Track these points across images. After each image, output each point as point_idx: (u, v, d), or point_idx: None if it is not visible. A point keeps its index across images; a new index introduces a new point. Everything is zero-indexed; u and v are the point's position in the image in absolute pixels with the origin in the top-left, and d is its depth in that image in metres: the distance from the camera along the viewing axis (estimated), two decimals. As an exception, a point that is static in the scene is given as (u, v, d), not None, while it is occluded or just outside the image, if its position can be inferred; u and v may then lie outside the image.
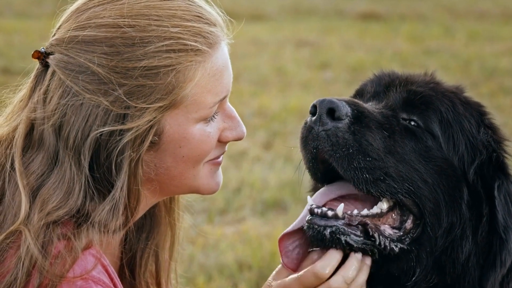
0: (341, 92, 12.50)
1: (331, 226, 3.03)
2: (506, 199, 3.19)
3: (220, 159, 3.18)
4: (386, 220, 3.13)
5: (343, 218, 3.05)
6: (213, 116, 3.08)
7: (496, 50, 16.47)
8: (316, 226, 3.04)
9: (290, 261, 3.13)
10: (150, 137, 2.93)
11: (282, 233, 3.14)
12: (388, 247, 3.08)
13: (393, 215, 3.14)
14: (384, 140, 3.12)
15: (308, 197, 3.16)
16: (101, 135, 2.90)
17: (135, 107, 2.91)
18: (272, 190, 8.43)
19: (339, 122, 3.07)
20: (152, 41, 2.95)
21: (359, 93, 3.40)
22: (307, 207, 3.13)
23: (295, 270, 3.11)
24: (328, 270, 3.02)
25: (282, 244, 3.14)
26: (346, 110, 3.08)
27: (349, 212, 3.08)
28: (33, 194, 2.92)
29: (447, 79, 3.56)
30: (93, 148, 2.91)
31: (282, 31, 18.67)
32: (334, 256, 3.04)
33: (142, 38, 2.94)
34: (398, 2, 23.38)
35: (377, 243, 3.06)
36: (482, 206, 3.18)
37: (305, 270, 3.05)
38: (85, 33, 2.97)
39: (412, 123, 3.20)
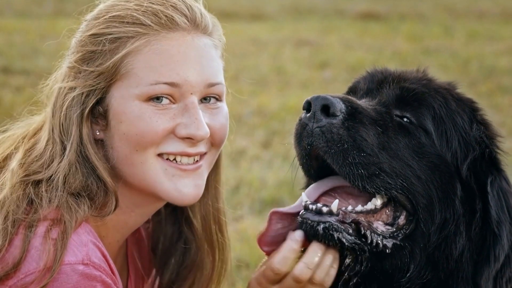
0: (340, 91, 12.49)
1: (324, 222, 3.04)
2: (499, 195, 3.20)
3: (184, 165, 3.19)
4: (380, 217, 3.14)
5: (338, 215, 3.06)
6: (165, 100, 3.12)
7: (495, 49, 16.48)
8: (310, 222, 3.05)
9: (268, 245, 3.14)
10: (92, 101, 3.13)
11: (277, 210, 3.14)
12: (381, 244, 3.09)
13: (387, 211, 3.15)
14: (378, 136, 3.13)
15: (303, 193, 3.16)
16: (58, 92, 3.18)
17: (85, 70, 3.15)
18: (270, 188, 8.43)
19: (333, 119, 3.08)
20: (108, 13, 3.18)
21: (352, 90, 3.42)
22: (300, 201, 3.14)
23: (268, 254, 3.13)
24: (284, 265, 3.03)
25: (272, 224, 3.14)
26: (340, 106, 3.10)
27: (343, 208, 3.09)
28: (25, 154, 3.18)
29: (446, 79, 3.55)
30: (55, 103, 3.17)
31: (282, 31, 18.66)
32: (289, 248, 3.04)
33: (106, 11, 3.20)
34: (398, 1, 23.38)
35: (369, 241, 3.07)
36: (475, 201, 3.19)
37: (265, 266, 3.06)
38: None
39: (405, 119, 3.21)
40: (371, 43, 17.17)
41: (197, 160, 3.20)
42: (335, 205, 3.07)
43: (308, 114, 3.10)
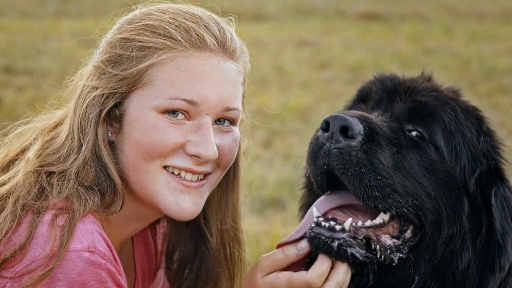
0: (341, 92, 12.54)
1: (338, 239, 3.03)
2: (502, 205, 3.22)
3: (188, 182, 3.22)
4: (386, 230, 3.16)
5: (349, 230, 3.07)
6: (181, 116, 3.16)
7: (495, 49, 16.50)
8: (324, 238, 3.04)
9: None
10: (111, 103, 3.18)
11: (281, 242, 3.14)
12: (388, 258, 3.11)
13: (393, 223, 3.17)
14: (393, 157, 3.13)
15: (314, 208, 3.15)
16: (82, 89, 3.24)
17: (109, 72, 3.20)
18: (271, 188, 8.42)
19: (352, 141, 3.06)
20: (142, 21, 3.22)
21: (362, 98, 3.40)
22: (310, 216, 3.13)
23: None
24: (320, 279, 3.04)
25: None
26: (359, 128, 3.07)
27: (354, 224, 3.10)
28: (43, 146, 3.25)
29: (446, 79, 3.61)
30: (77, 99, 3.23)
31: (283, 31, 18.66)
32: (325, 263, 3.06)
33: (141, 18, 3.25)
34: (399, 2, 23.41)
35: (378, 255, 3.09)
36: (482, 216, 3.21)
37: (296, 274, 3.06)
38: None
39: (417, 134, 3.22)
40: (371, 44, 17.19)
41: (201, 179, 3.24)
42: (348, 223, 3.07)
43: (326, 134, 3.07)
